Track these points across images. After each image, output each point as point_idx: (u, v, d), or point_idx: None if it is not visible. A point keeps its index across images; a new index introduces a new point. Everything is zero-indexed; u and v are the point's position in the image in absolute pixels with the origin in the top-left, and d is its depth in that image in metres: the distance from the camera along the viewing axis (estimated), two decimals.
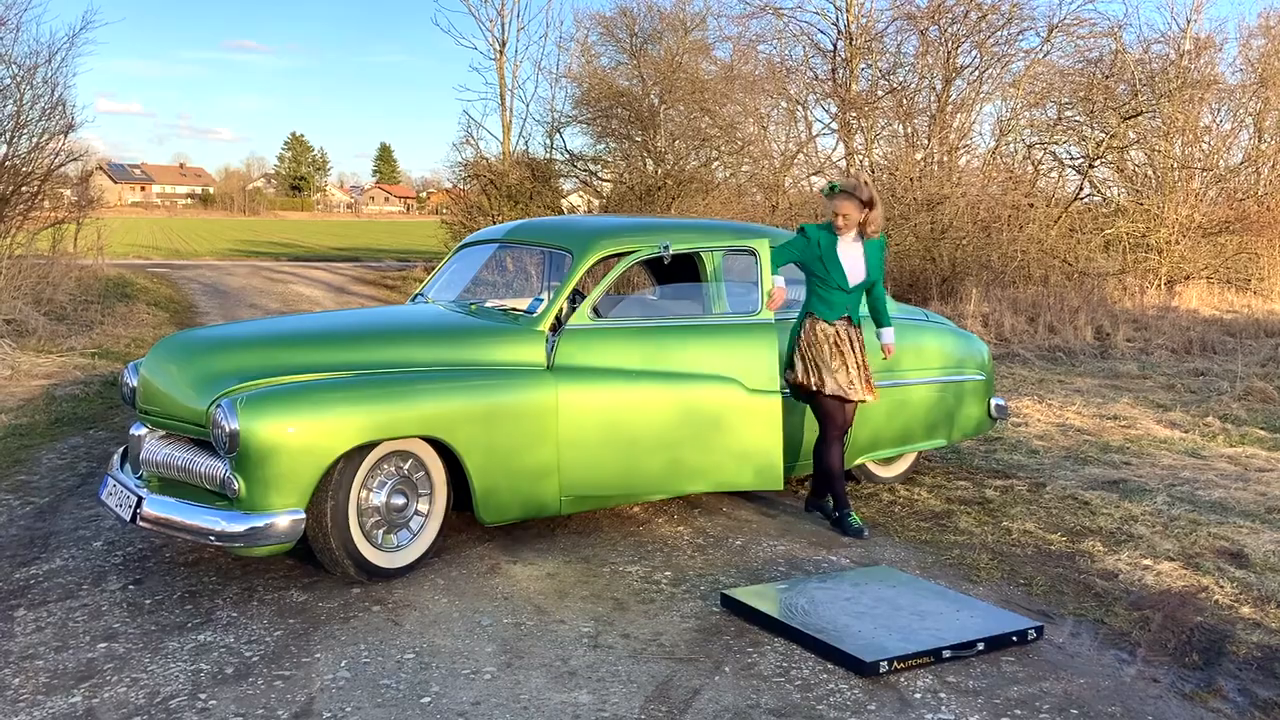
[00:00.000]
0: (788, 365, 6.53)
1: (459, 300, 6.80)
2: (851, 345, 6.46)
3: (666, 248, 6.29)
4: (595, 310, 6.19)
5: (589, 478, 5.95)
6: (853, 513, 6.59)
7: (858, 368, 6.45)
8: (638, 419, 6.06)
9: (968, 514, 6.89)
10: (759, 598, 5.19)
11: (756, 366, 6.35)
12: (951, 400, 7.51)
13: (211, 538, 5.05)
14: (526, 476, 5.75)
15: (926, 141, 22.39)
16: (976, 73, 22.44)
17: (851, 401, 6.48)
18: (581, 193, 29.68)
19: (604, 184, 28.40)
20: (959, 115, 22.42)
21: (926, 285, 19.09)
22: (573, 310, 6.27)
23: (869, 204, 6.39)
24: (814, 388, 6.42)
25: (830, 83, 24.31)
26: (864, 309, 6.74)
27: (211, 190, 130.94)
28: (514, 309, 6.36)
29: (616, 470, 6.03)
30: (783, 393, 6.45)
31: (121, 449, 6.08)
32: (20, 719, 4.02)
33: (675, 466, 6.20)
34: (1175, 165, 21.93)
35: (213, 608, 5.11)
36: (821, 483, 6.70)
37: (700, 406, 6.22)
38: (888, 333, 6.77)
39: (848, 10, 24.15)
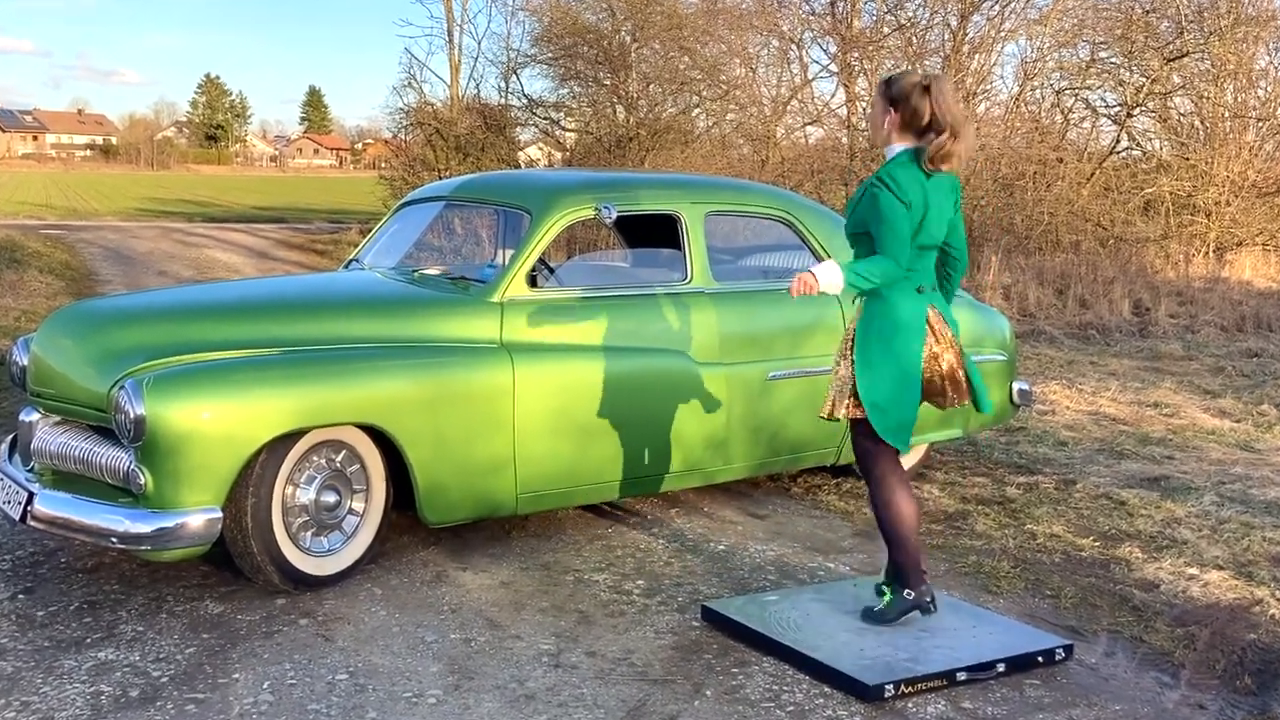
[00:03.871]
0: (926, 377, 4.87)
1: (400, 267, 6.77)
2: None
3: (609, 208, 6.23)
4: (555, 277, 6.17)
5: (550, 471, 5.95)
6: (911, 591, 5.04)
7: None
8: (608, 403, 6.06)
9: (986, 515, 6.92)
10: (745, 610, 5.19)
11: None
12: None
13: (114, 539, 5.01)
14: (478, 470, 5.73)
15: None
16: (997, 6, 22.43)
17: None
18: (541, 144, 29.62)
19: (567, 134, 28.34)
20: (977, 56, 22.42)
21: None
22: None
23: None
24: (953, 402, 4.94)
25: (829, 18, 24.24)
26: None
27: (114, 140, 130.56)
28: (464, 277, 6.33)
29: (582, 463, 6.03)
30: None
31: (10, 438, 6.05)
32: None
33: (653, 459, 6.21)
34: (1226, 114, 22.01)
35: (115, 620, 5.08)
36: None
37: (695, 389, 6.28)
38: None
39: None
